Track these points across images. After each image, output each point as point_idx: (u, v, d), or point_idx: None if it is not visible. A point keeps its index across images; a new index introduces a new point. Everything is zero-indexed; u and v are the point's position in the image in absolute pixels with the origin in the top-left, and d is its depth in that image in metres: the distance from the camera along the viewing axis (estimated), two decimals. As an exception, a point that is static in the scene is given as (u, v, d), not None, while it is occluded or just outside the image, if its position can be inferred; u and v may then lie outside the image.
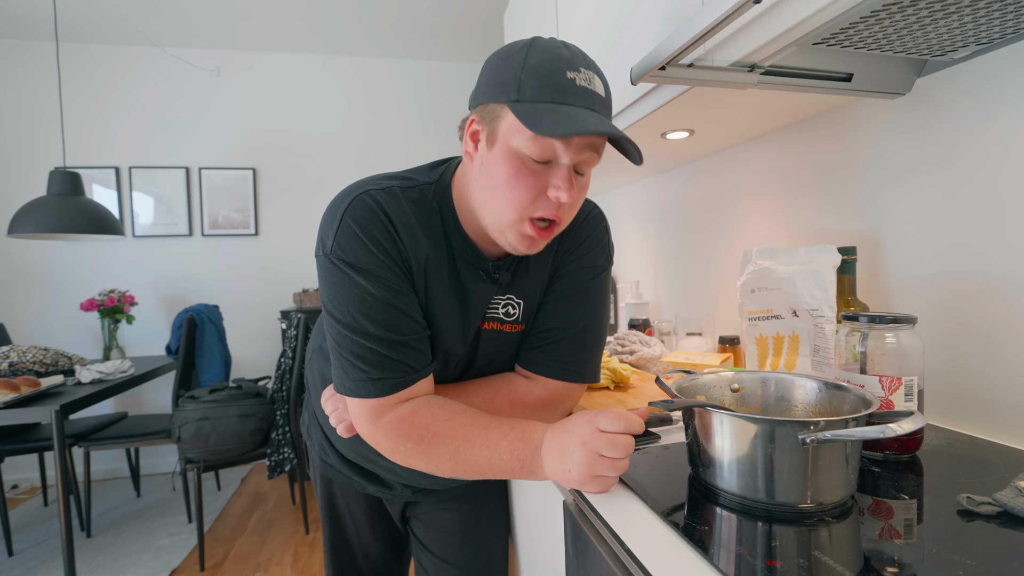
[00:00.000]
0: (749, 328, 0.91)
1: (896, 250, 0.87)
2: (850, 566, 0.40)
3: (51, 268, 2.94)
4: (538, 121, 0.54)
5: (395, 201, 0.64)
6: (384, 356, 0.63)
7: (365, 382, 0.63)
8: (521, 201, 0.59)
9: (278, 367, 2.29)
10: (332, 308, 0.64)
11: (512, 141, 0.58)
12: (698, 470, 0.55)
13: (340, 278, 0.63)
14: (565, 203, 0.59)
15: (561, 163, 0.58)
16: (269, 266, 3.19)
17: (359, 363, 0.63)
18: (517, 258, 0.72)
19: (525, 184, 0.58)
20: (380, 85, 3.30)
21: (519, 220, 0.60)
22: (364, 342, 0.63)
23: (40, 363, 2.15)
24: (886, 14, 0.58)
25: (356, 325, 0.62)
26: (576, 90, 0.56)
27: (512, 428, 0.61)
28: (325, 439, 0.87)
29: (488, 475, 0.61)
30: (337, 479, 0.89)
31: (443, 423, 0.62)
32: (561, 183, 0.58)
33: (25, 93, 2.90)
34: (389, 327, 0.63)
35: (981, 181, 0.74)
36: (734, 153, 1.30)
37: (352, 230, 0.62)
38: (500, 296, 0.73)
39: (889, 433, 0.44)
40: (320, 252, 0.65)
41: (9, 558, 2.12)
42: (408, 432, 0.62)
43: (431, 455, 0.62)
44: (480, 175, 0.62)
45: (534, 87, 0.56)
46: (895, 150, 0.87)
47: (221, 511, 2.55)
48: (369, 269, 0.62)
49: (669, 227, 1.64)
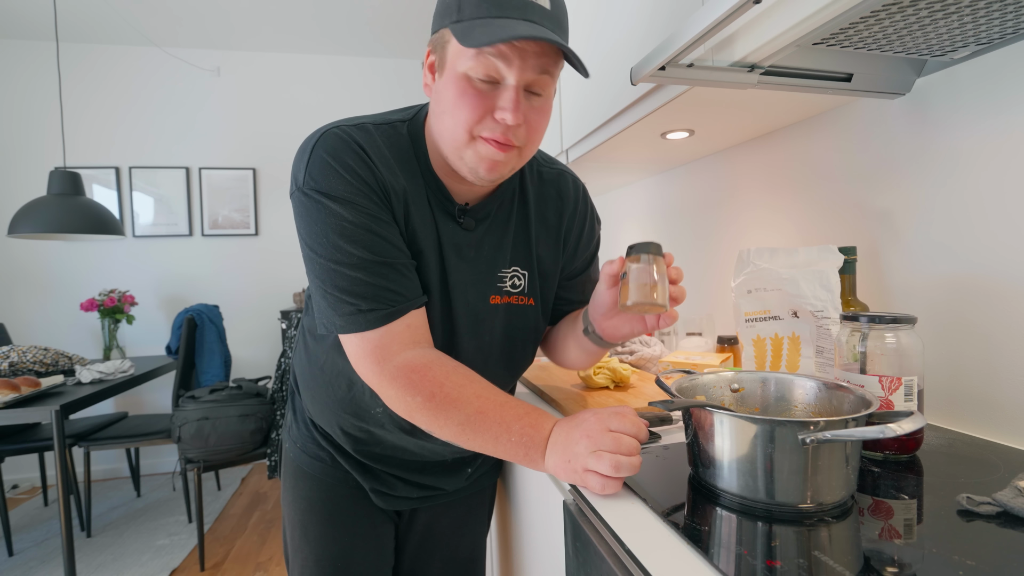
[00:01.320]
0: (746, 330, 0.90)
1: (896, 250, 0.87)
2: (850, 566, 0.40)
3: (51, 268, 2.94)
4: (470, 34, 0.54)
5: (367, 135, 0.64)
6: (370, 285, 0.61)
7: (355, 315, 0.60)
8: (468, 121, 0.58)
9: (278, 367, 2.29)
10: (311, 242, 0.62)
11: (458, 64, 0.57)
12: (698, 470, 0.55)
13: (316, 209, 0.61)
14: (511, 124, 0.58)
15: (507, 83, 0.57)
16: (269, 266, 3.19)
17: (346, 296, 0.60)
18: (500, 219, 0.73)
19: (471, 104, 0.58)
20: (380, 85, 3.30)
21: (471, 139, 0.60)
22: (348, 272, 0.60)
23: (40, 363, 2.15)
24: (886, 14, 0.58)
25: (338, 255, 0.60)
26: (514, 2, 0.55)
27: (527, 413, 0.59)
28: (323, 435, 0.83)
29: (486, 452, 0.59)
30: (325, 478, 0.84)
31: (458, 387, 0.60)
32: (506, 103, 0.57)
33: (25, 93, 2.90)
34: (372, 251, 0.61)
35: (981, 181, 0.74)
36: (734, 153, 1.30)
37: (324, 160, 0.61)
38: (506, 268, 0.74)
39: (889, 433, 0.44)
40: (293, 188, 0.63)
41: (9, 558, 2.12)
42: (419, 384, 0.60)
43: (440, 416, 0.59)
44: (434, 104, 0.62)
45: (472, 4, 0.55)
46: (895, 150, 0.87)
47: (221, 511, 2.55)
48: (345, 197, 0.60)
49: (669, 227, 1.64)
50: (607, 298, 0.68)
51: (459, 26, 0.56)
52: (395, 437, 0.77)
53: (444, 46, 0.59)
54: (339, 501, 0.83)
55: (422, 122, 0.69)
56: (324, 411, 0.78)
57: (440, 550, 0.92)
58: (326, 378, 0.76)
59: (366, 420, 0.76)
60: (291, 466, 0.85)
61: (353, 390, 0.74)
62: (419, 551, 0.92)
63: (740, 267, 0.90)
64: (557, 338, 0.84)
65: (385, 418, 0.75)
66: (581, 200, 0.81)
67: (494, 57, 0.55)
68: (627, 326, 0.69)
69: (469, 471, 0.88)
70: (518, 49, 0.55)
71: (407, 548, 0.92)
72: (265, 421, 2.11)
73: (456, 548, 0.93)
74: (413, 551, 0.92)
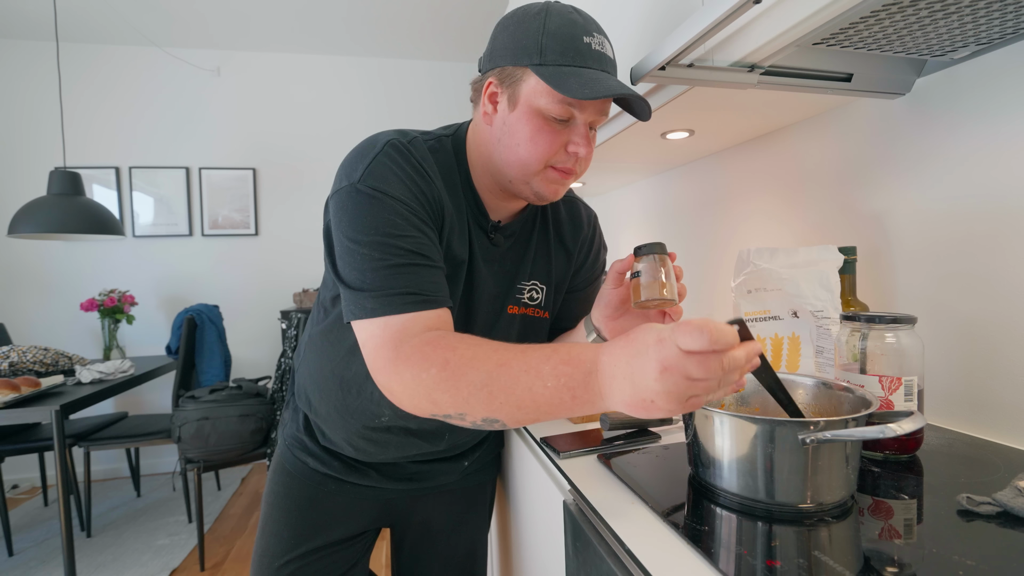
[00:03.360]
0: (747, 329, 0.90)
1: (896, 250, 0.87)
2: (850, 566, 0.40)
3: (51, 268, 2.94)
4: (566, 85, 0.60)
5: (422, 150, 0.68)
6: (410, 276, 0.60)
7: (390, 297, 0.58)
8: (545, 154, 0.65)
9: (278, 367, 2.29)
10: (355, 233, 0.60)
11: (535, 101, 0.63)
12: (698, 470, 0.55)
13: (369, 203, 0.61)
14: (583, 156, 0.66)
15: (578, 122, 0.65)
16: (269, 266, 3.19)
17: (383, 279, 0.59)
18: (523, 235, 0.79)
19: (547, 140, 0.64)
20: (380, 85, 3.30)
21: (543, 170, 0.67)
22: (393, 259, 0.59)
23: (40, 363, 2.15)
24: (886, 14, 0.58)
25: (384, 246, 0.59)
26: (592, 54, 0.63)
27: (554, 351, 0.50)
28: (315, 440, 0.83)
29: (530, 412, 0.50)
30: (310, 476, 0.82)
31: (472, 347, 0.54)
32: (580, 139, 0.65)
33: (25, 93, 2.90)
34: (418, 248, 0.61)
35: (981, 181, 0.74)
36: (734, 153, 1.30)
37: (387, 164, 0.63)
38: (526, 281, 0.78)
39: (889, 433, 0.44)
40: (343, 185, 0.63)
41: (9, 558, 2.12)
42: (432, 355, 0.54)
43: (459, 382, 0.52)
44: (503, 135, 0.67)
45: (556, 51, 0.62)
46: (895, 150, 0.87)
47: (221, 511, 2.54)
48: (401, 197, 0.62)
49: (669, 227, 1.64)
50: (614, 297, 0.71)
51: (545, 71, 0.61)
52: (400, 438, 0.79)
53: (517, 83, 0.64)
54: (308, 499, 0.82)
55: (463, 139, 0.74)
56: (331, 415, 0.79)
57: (438, 548, 0.92)
58: (337, 383, 0.77)
59: (373, 426, 0.77)
60: (276, 461, 0.87)
61: (362, 396, 0.75)
62: (417, 549, 0.92)
63: (740, 267, 0.90)
64: None
65: (392, 420, 0.75)
66: (592, 227, 0.88)
67: (571, 105, 0.63)
68: (633, 325, 0.71)
69: (466, 464, 0.88)
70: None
71: (405, 545, 0.93)
72: (265, 421, 2.11)
73: (455, 546, 0.93)
74: (411, 549, 0.93)
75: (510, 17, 0.66)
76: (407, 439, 0.78)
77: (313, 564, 0.81)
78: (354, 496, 0.83)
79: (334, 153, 3.24)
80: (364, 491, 0.83)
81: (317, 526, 0.82)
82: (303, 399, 0.84)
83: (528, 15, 0.64)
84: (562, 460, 0.68)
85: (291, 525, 0.81)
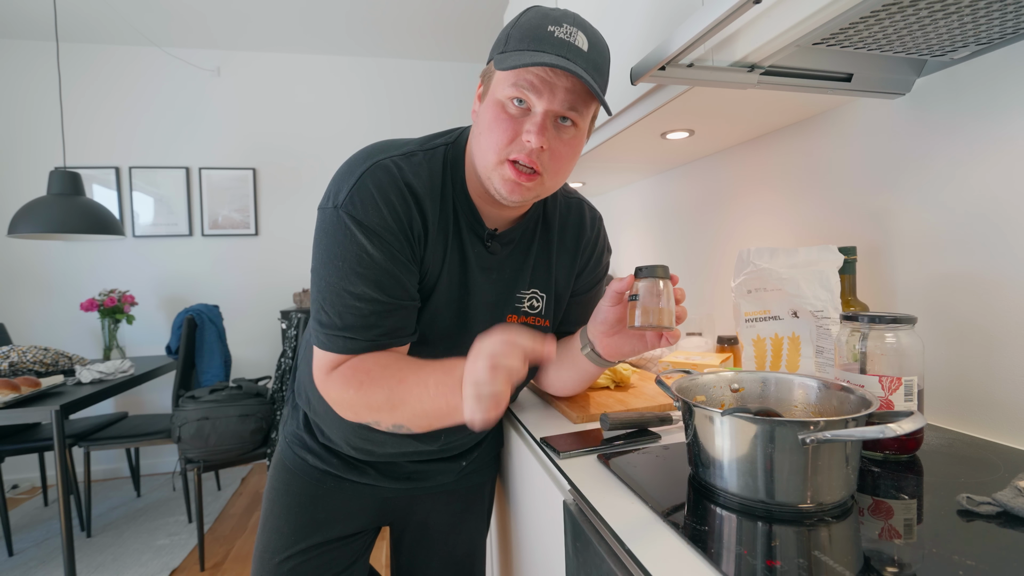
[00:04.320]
0: (746, 330, 0.90)
1: (896, 250, 0.87)
2: (850, 566, 0.40)
3: (51, 268, 2.94)
4: (505, 61, 0.60)
5: (414, 167, 0.67)
6: (365, 319, 0.64)
7: (338, 338, 0.65)
8: (499, 142, 0.63)
9: (278, 367, 2.29)
10: (326, 261, 0.64)
11: (497, 91, 0.63)
12: (698, 470, 0.55)
13: (343, 233, 0.63)
14: (534, 147, 0.62)
15: (536, 110, 0.62)
16: (269, 266, 3.19)
17: (337, 319, 0.64)
18: (523, 243, 0.78)
19: (502, 127, 0.63)
20: (380, 85, 3.30)
21: (499, 162, 0.64)
22: (351, 301, 0.64)
23: (40, 363, 2.15)
24: (886, 14, 0.58)
25: (346, 283, 0.63)
26: (554, 40, 0.60)
27: (441, 363, 0.59)
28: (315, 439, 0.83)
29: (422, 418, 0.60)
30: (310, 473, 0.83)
31: (383, 368, 0.63)
32: (532, 127, 0.61)
33: (25, 93, 2.90)
34: (381, 289, 0.64)
35: (981, 181, 0.74)
36: (734, 153, 1.30)
37: (369, 190, 0.64)
38: (525, 290, 0.78)
39: (889, 433, 0.44)
40: (328, 204, 0.65)
41: (9, 558, 2.12)
42: (351, 378, 0.63)
43: (369, 398, 0.62)
44: (474, 126, 0.68)
45: (516, 39, 0.62)
46: (895, 150, 0.87)
47: (221, 511, 2.54)
48: (375, 230, 0.63)
49: (669, 227, 1.64)
50: (611, 315, 0.70)
51: (501, 56, 0.62)
52: (395, 438, 0.79)
53: (490, 76, 0.65)
54: (307, 495, 0.82)
55: (463, 145, 0.73)
56: (329, 414, 0.79)
57: (437, 547, 0.92)
58: None
59: (371, 430, 0.77)
60: (277, 459, 0.88)
61: None
62: (416, 548, 0.93)
63: (740, 267, 0.90)
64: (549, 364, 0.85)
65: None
66: (596, 229, 0.86)
67: (526, 88, 0.61)
68: (628, 344, 0.71)
69: (463, 464, 0.89)
70: (548, 82, 0.60)
71: (404, 545, 0.93)
72: (265, 421, 2.11)
73: (453, 545, 0.93)
74: (410, 548, 0.93)
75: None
76: (402, 439, 0.78)
77: (312, 560, 0.81)
78: (352, 494, 0.84)
79: (334, 153, 3.24)
80: (362, 489, 0.84)
81: (317, 522, 0.82)
82: (303, 397, 0.84)
83: (514, 15, 0.67)
84: (562, 460, 0.68)
85: (291, 521, 0.82)
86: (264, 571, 0.81)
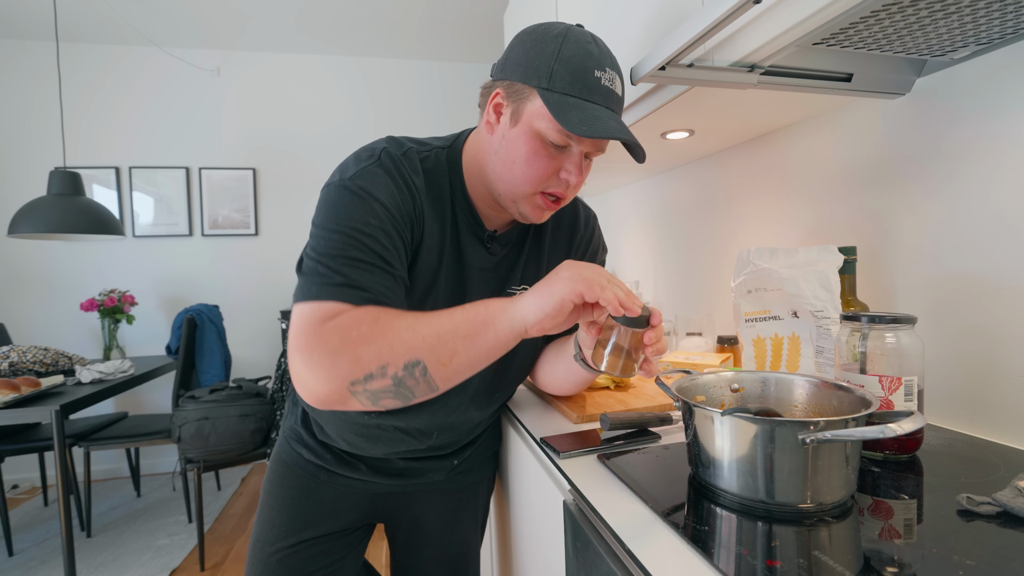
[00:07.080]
0: (746, 330, 0.90)
1: (896, 250, 0.87)
2: (850, 566, 0.40)
3: (51, 268, 2.94)
4: (566, 116, 0.60)
5: (413, 166, 0.68)
6: (366, 268, 0.60)
7: (340, 287, 0.58)
8: (537, 178, 0.66)
9: (278, 367, 2.29)
10: (329, 222, 0.61)
11: (536, 123, 0.64)
12: (698, 470, 0.55)
13: (351, 199, 0.62)
14: (573, 184, 0.67)
15: (574, 151, 0.66)
16: (269, 266, 3.19)
17: (338, 265, 0.59)
18: (518, 243, 0.79)
19: (542, 164, 0.65)
20: (380, 85, 3.30)
21: (532, 194, 0.68)
22: (351, 250, 0.60)
23: (40, 363, 2.15)
24: (886, 14, 0.58)
25: (352, 234, 0.60)
26: (600, 89, 0.63)
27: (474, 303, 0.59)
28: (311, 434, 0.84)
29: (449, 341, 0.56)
30: (303, 467, 0.84)
31: (395, 315, 0.59)
32: (572, 168, 0.66)
33: (25, 93, 2.90)
34: (382, 251, 0.62)
35: (981, 181, 0.74)
36: (734, 153, 1.30)
37: (379, 172, 0.65)
38: (515, 286, 0.78)
39: (889, 433, 0.44)
40: (334, 181, 0.64)
41: (9, 558, 2.12)
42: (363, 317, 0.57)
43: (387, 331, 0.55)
44: (500, 148, 0.68)
45: (564, 79, 0.62)
46: (895, 150, 0.87)
47: (221, 511, 2.54)
48: (384, 201, 0.63)
49: (669, 227, 1.64)
50: (587, 339, 0.67)
51: (551, 96, 0.62)
52: (389, 435, 0.79)
53: (523, 100, 0.65)
54: (300, 488, 0.84)
55: (459, 150, 0.74)
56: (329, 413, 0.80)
57: (430, 544, 0.93)
58: None
59: (364, 422, 0.78)
60: (275, 452, 0.90)
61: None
62: (409, 546, 0.94)
63: (740, 267, 0.90)
64: (545, 361, 0.86)
65: (382, 418, 0.76)
66: (590, 227, 0.87)
67: (569, 135, 0.63)
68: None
69: (455, 463, 0.89)
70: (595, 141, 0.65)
71: (398, 542, 0.95)
72: (265, 421, 2.11)
73: (447, 543, 0.94)
74: (404, 545, 0.94)
75: (530, 32, 0.66)
76: (396, 435, 0.79)
77: (301, 553, 0.83)
78: (344, 488, 0.85)
79: (334, 153, 3.24)
80: (353, 484, 0.85)
81: (308, 515, 0.84)
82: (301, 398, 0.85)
83: (547, 35, 0.64)
84: (562, 460, 0.68)
85: (284, 512, 0.83)
86: (257, 560, 0.83)
